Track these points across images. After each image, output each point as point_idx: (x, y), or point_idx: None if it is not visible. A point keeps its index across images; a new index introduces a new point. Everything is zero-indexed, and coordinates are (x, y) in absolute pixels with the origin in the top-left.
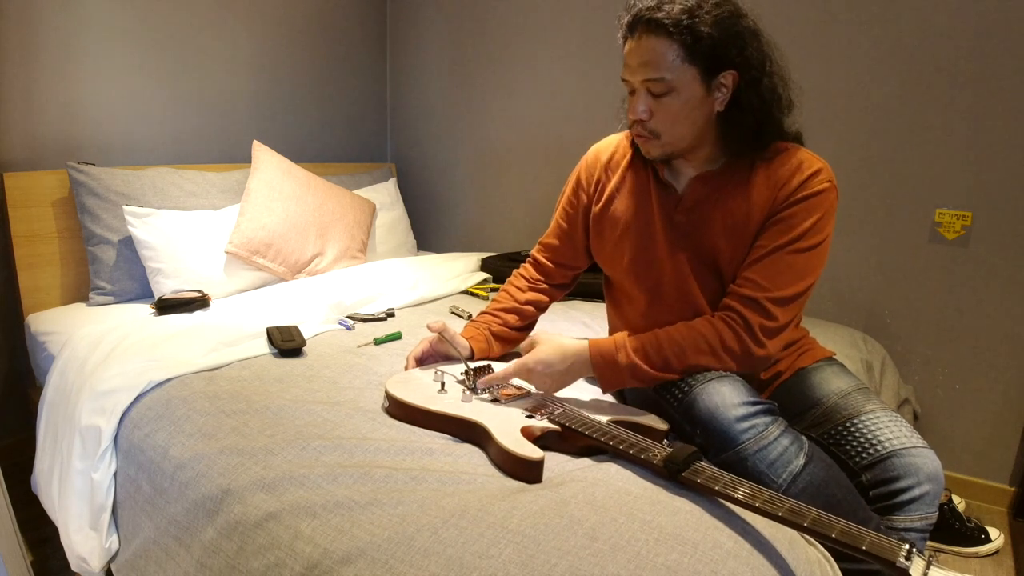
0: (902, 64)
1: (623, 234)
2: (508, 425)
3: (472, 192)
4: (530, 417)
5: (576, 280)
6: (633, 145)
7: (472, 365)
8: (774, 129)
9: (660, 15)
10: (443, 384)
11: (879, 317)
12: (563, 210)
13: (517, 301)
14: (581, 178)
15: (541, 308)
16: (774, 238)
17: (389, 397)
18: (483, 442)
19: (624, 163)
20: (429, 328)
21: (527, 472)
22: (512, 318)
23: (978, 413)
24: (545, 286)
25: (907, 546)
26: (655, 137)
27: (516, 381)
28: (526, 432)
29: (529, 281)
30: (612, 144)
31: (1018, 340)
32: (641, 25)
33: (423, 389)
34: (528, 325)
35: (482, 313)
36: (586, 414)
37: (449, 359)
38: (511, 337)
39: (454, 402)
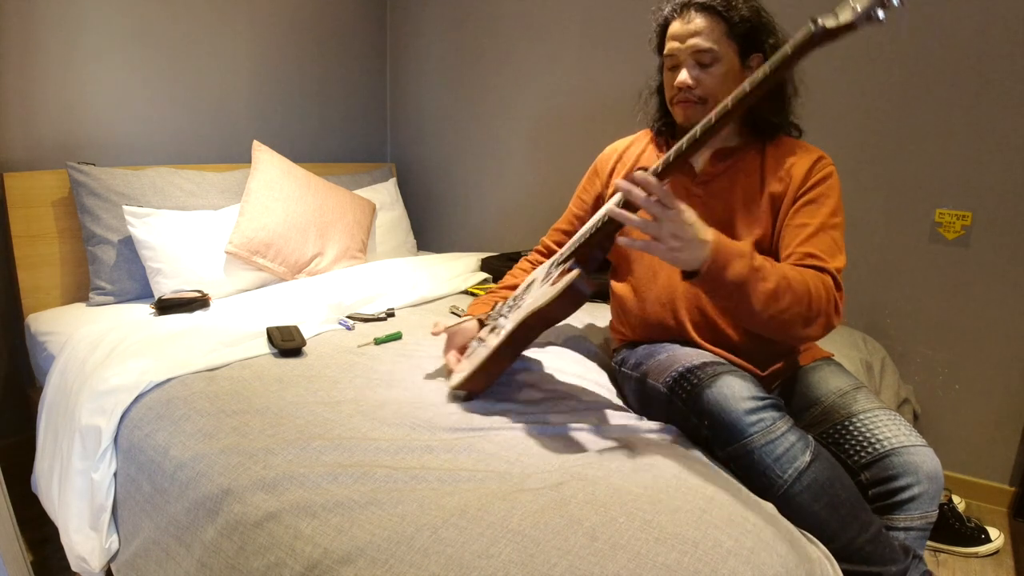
0: (902, 64)
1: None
2: (539, 294)
3: (472, 192)
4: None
5: None
6: (655, 131)
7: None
8: (787, 112)
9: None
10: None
11: (879, 317)
12: (577, 198)
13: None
14: (597, 167)
15: None
16: (813, 215)
17: (462, 385)
18: (542, 323)
19: (639, 150)
20: (433, 334)
21: (578, 295)
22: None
23: (978, 413)
24: None
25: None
26: (701, 103)
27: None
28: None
29: (535, 266)
30: (627, 140)
31: (1018, 340)
32: (693, 7)
33: (471, 358)
34: None
35: (489, 291)
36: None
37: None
38: None
39: (497, 334)
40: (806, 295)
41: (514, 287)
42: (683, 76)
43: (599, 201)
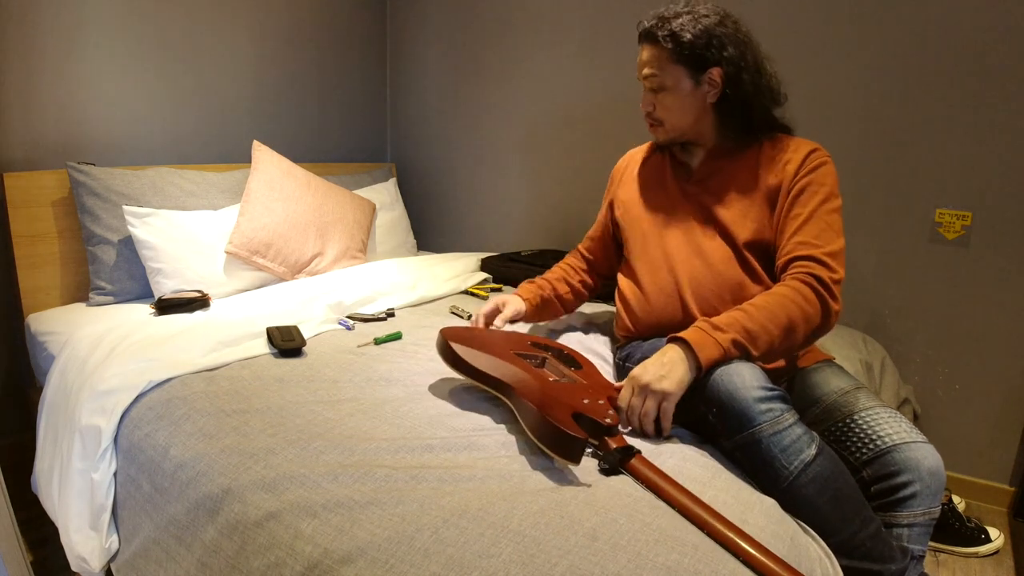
0: (902, 64)
1: (643, 205)
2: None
3: (472, 192)
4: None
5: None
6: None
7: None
8: (763, 116)
9: (652, 27)
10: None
11: (879, 317)
12: (601, 206)
13: (571, 277)
14: (612, 175)
15: (587, 289)
16: (806, 203)
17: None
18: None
19: (644, 155)
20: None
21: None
22: (563, 288)
23: (978, 413)
24: (586, 274)
25: None
26: (660, 124)
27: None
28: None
29: (573, 271)
30: (633, 152)
31: (1018, 340)
32: (642, 35)
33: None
34: (572, 298)
35: (542, 278)
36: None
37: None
38: (556, 309)
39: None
40: (787, 322)
41: (552, 284)
42: (644, 101)
43: (611, 204)
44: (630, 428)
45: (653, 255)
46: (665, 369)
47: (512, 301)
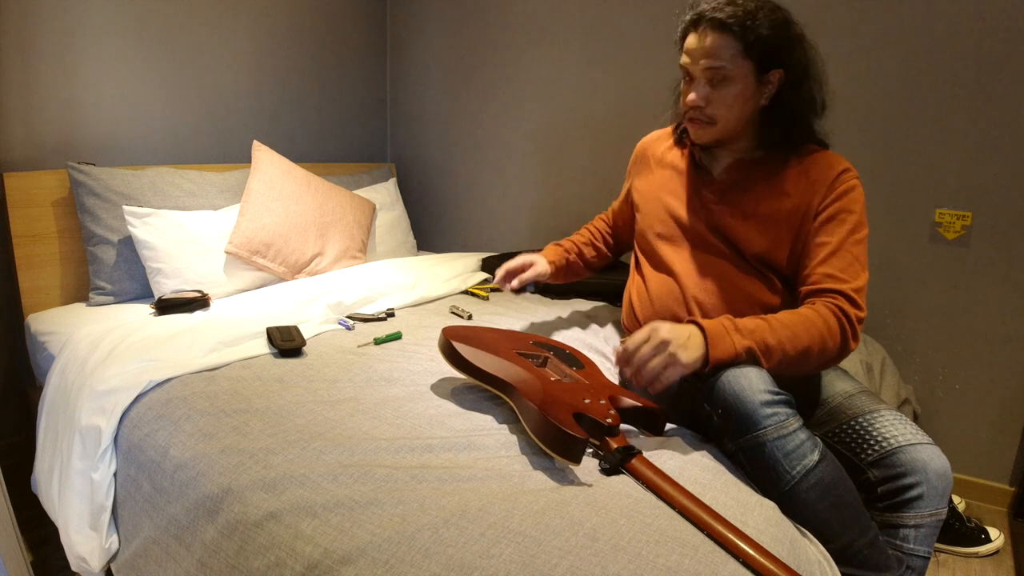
0: (902, 64)
1: (657, 207)
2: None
3: (472, 192)
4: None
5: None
6: (677, 132)
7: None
8: (807, 128)
9: (723, 15)
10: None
11: (879, 317)
12: (625, 185)
13: (597, 240)
14: (634, 159)
15: (610, 251)
16: (834, 232)
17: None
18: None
19: (665, 147)
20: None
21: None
22: (589, 252)
23: (978, 413)
24: (611, 237)
25: None
26: (710, 123)
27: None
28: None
29: (601, 233)
30: (656, 134)
31: (1018, 340)
32: (706, 22)
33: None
34: (596, 261)
35: (569, 240)
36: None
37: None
38: (580, 271)
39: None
40: (805, 347)
41: (578, 247)
42: (692, 95)
43: (631, 189)
44: (624, 373)
45: (662, 260)
46: (685, 340)
47: (538, 263)
